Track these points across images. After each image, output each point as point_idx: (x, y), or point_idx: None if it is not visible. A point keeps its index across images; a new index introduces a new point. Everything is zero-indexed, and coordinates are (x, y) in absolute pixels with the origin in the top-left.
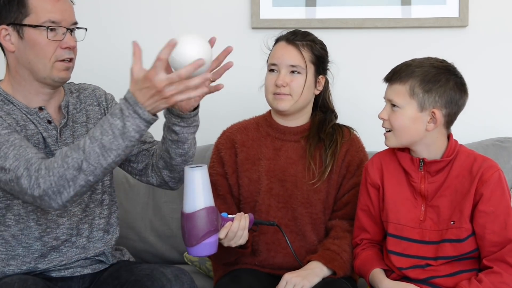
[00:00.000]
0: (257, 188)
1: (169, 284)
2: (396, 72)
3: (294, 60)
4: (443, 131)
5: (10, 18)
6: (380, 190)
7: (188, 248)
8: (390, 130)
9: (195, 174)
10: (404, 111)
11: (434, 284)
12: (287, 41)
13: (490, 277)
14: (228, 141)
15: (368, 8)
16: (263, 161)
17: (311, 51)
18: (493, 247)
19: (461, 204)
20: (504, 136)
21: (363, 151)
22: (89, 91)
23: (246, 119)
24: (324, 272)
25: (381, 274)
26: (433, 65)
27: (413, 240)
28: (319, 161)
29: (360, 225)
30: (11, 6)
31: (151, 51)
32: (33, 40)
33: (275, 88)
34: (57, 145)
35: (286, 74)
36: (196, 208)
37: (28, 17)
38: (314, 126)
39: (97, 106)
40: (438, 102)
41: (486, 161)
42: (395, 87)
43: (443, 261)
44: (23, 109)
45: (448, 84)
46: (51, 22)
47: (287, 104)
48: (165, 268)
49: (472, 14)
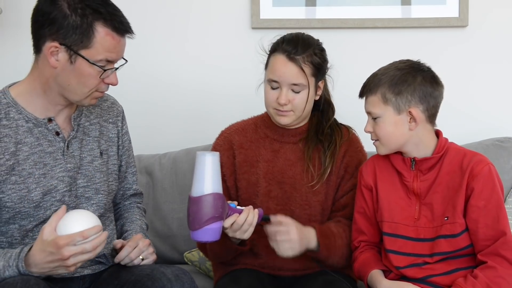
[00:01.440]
0: (255, 190)
1: (170, 284)
2: (365, 86)
3: (296, 79)
4: (428, 127)
5: (69, 41)
6: (374, 191)
7: (191, 231)
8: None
9: (206, 159)
10: (384, 119)
11: (431, 282)
12: (288, 58)
13: (485, 272)
14: (226, 143)
15: (368, 8)
16: (261, 163)
17: (312, 63)
18: (486, 241)
19: (453, 200)
20: (504, 136)
21: (362, 151)
22: (108, 104)
23: (244, 119)
24: (312, 244)
25: (379, 275)
26: (398, 68)
27: (408, 237)
28: (318, 163)
29: (357, 227)
30: (75, 32)
31: (150, 51)
32: (82, 71)
33: (277, 105)
34: (63, 158)
35: (288, 91)
36: (203, 192)
37: (87, 49)
38: (312, 127)
39: (112, 124)
40: (412, 100)
41: (475, 156)
42: (369, 99)
43: (439, 258)
44: (32, 120)
45: (416, 80)
46: (107, 61)
47: (289, 119)
48: (166, 268)
49: (472, 14)
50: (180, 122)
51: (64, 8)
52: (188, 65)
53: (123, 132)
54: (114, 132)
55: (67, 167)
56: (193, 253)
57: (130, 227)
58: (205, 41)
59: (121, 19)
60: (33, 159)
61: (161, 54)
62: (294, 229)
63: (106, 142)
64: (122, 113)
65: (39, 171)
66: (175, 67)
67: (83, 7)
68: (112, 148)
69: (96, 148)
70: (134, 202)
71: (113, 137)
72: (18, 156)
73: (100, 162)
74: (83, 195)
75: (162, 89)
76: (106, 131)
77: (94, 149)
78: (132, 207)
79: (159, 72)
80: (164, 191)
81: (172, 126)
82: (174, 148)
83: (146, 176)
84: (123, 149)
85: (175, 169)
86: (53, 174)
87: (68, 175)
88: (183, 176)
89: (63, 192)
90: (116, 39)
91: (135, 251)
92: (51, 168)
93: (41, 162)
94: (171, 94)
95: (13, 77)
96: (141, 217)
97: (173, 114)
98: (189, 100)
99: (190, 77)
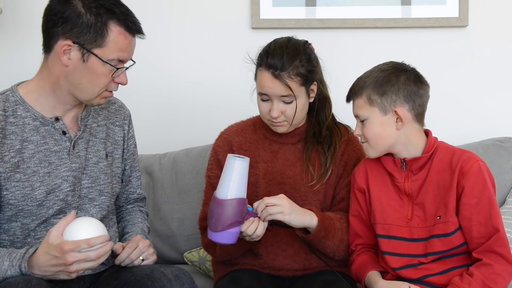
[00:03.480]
0: (255, 191)
1: (169, 284)
2: (351, 90)
3: (284, 92)
4: (416, 127)
5: (82, 40)
6: (366, 194)
7: (213, 232)
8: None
9: (236, 164)
10: (371, 121)
11: (427, 283)
12: (273, 75)
13: (481, 270)
14: (225, 144)
15: (368, 8)
16: (260, 164)
17: (299, 75)
18: (480, 239)
19: (445, 199)
20: (504, 136)
21: (360, 150)
22: (116, 107)
23: (243, 120)
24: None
25: (376, 276)
26: (381, 69)
27: (402, 238)
28: (317, 163)
29: (353, 231)
30: (89, 30)
31: (150, 51)
32: (94, 69)
33: (270, 117)
34: (69, 157)
35: (279, 103)
36: (230, 196)
37: (100, 48)
38: (311, 127)
39: (118, 127)
40: (397, 100)
41: (464, 154)
42: (356, 102)
43: (433, 257)
44: (39, 119)
45: (399, 80)
46: (119, 60)
47: (285, 128)
48: (165, 268)
49: (472, 14)
50: (180, 122)
51: (78, 6)
52: (188, 65)
53: (129, 136)
54: (120, 135)
55: (72, 166)
56: (193, 253)
57: (131, 229)
58: (205, 42)
59: (133, 19)
60: (38, 157)
61: (160, 54)
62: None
63: (112, 144)
64: (129, 117)
65: (44, 170)
66: (174, 67)
67: (97, 6)
68: (117, 151)
69: (102, 149)
70: (137, 206)
71: (119, 140)
72: (24, 153)
73: (105, 164)
74: (87, 195)
75: (162, 89)
76: (113, 134)
77: (100, 151)
78: (134, 211)
79: (159, 72)
80: (164, 191)
81: (172, 126)
82: (174, 148)
83: (146, 176)
84: (128, 153)
85: (175, 169)
86: (57, 173)
87: (73, 175)
88: (183, 176)
89: (67, 191)
90: (129, 38)
91: (135, 252)
92: (55, 167)
93: (46, 160)
94: (170, 94)
95: (13, 77)
96: (143, 220)
97: (173, 114)
98: (189, 100)
99: (190, 77)
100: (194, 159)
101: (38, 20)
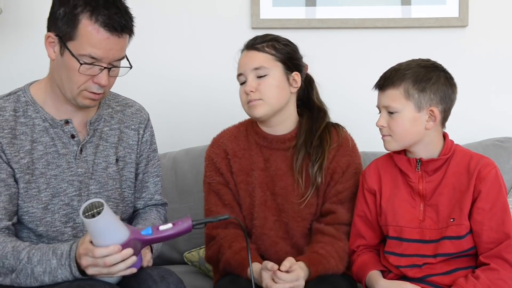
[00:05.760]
0: (252, 200)
1: (155, 285)
2: (387, 78)
3: (257, 62)
4: (439, 129)
5: (59, 31)
6: (377, 195)
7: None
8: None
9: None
10: (402, 115)
11: (431, 282)
12: (247, 48)
13: (487, 274)
14: (220, 151)
15: (368, 8)
16: (256, 171)
17: (274, 49)
18: (490, 244)
19: (460, 202)
20: (504, 136)
21: (351, 154)
22: (133, 110)
23: (235, 124)
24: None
25: (377, 275)
26: (421, 65)
27: (413, 240)
28: (306, 175)
29: (356, 231)
30: (63, 21)
31: (149, 51)
32: (68, 64)
33: (246, 96)
34: (75, 161)
35: (253, 79)
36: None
37: (72, 41)
38: (301, 134)
39: (133, 131)
40: (434, 99)
41: (482, 159)
42: (389, 92)
43: (442, 258)
44: (48, 120)
45: (440, 80)
46: (91, 57)
47: (261, 109)
48: (152, 269)
49: (472, 14)
50: (180, 122)
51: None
52: (187, 65)
53: (143, 140)
54: (134, 139)
55: (77, 171)
56: (193, 253)
57: (142, 224)
58: (205, 42)
59: (111, 15)
60: (46, 159)
61: (160, 54)
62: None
63: (124, 148)
64: (147, 120)
65: (51, 172)
66: (174, 67)
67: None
68: (130, 156)
69: (113, 154)
70: (155, 208)
71: (133, 144)
72: (33, 154)
73: (114, 169)
74: None
75: (162, 89)
76: (126, 138)
77: (110, 156)
78: (150, 210)
79: (159, 72)
80: (164, 191)
81: (172, 126)
82: (174, 148)
83: None
84: (140, 157)
85: (175, 169)
86: (64, 177)
87: (78, 179)
88: (183, 176)
89: (72, 196)
90: (102, 34)
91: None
92: (63, 170)
93: (54, 163)
94: (170, 95)
95: (12, 77)
96: (157, 218)
97: (173, 114)
98: (189, 101)
99: (190, 77)
100: (194, 159)
101: (38, 20)
